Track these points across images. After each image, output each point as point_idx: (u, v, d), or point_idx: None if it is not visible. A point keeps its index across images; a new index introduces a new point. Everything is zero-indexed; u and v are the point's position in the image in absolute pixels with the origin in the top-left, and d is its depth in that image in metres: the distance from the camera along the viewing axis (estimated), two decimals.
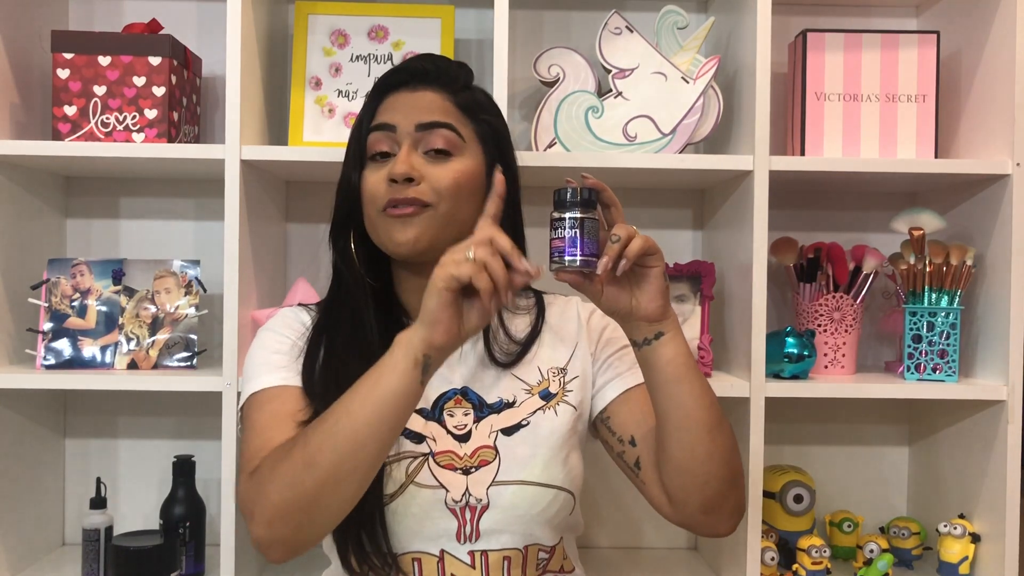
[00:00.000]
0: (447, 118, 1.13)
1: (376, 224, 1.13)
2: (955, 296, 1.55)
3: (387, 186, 1.10)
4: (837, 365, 1.61)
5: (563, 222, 0.98)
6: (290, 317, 1.20)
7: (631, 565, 1.68)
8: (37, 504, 1.65)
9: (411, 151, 1.11)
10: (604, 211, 1.02)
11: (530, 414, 1.14)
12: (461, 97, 1.16)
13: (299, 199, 1.76)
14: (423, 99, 1.14)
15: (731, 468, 1.06)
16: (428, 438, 1.11)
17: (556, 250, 0.99)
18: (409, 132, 1.12)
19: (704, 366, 1.55)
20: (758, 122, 1.47)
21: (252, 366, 1.15)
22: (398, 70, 1.18)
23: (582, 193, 0.98)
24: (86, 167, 1.62)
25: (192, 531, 1.55)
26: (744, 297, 1.51)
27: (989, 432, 1.52)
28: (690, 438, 1.04)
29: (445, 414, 1.13)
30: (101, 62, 1.50)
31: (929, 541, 1.67)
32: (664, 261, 1.02)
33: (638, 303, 1.02)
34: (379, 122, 1.14)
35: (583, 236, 0.98)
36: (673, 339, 1.03)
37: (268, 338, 1.17)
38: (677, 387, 1.03)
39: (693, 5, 1.77)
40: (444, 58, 1.22)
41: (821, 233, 1.76)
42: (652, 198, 1.79)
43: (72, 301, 1.55)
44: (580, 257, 0.98)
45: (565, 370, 1.19)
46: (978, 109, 1.59)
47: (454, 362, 1.16)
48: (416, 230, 1.09)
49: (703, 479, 1.05)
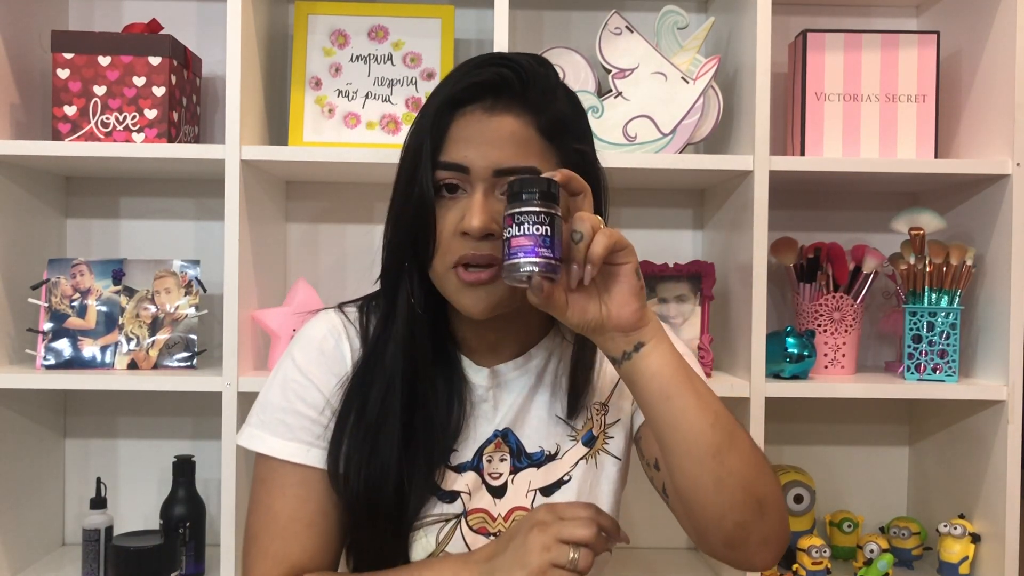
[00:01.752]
0: (529, 158, 0.93)
1: (444, 280, 0.95)
2: (955, 296, 1.55)
3: (459, 238, 0.93)
4: (837, 365, 1.61)
5: (525, 217, 0.82)
6: (327, 350, 1.02)
7: (631, 565, 1.68)
8: (37, 504, 1.65)
9: (486, 198, 0.92)
10: (571, 201, 0.88)
11: (572, 467, 1.04)
12: (546, 119, 0.95)
13: (299, 199, 1.76)
14: (501, 129, 0.93)
15: (753, 494, 0.88)
16: (462, 493, 1.01)
17: (521, 249, 0.82)
18: (484, 177, 0.92)
19: (704, 366, 1.55)
20: (758, 122, 1.47)
21: (274, 407, 1.01)
22: (472, 83, 0.94)
23: (541, 185, 0.83)
24: (86, 167, 1.62)
25: (192, 531, 1.55)
26: (744, 297, 1.51)
27: (989, 432, 1.53)
28: (692, 465, 0.87)
29: (484, 460, 1.03)
30: (101, 62, 1.50)
31: (929, 541, 1.67)
32: (636, 256, 0.87)
33: (608, 310, 0.87)
34: (448, 160, 0.93)
35: (542, 235, 0.81)
36: (656, 348, 0.88)
37: (296, 386, 1.01)
38: (667, 405, 0.87)
39: (693, 5, 1.77)
40: (526, 61, 0.96)
41: (821, 233, 1.76)
42: (652, 198, 1.79)
43: (72, 301, 1.55)
44: (538, 260, 0.81)
45: (607, 407, 1.07)
46: (978, 109, 1.59)
47: (500, 398, 1.04)
48: (491, 298, 0.94)
49: (717, 511, 0.88)
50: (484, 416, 1.03)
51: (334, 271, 1.75)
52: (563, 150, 0.96)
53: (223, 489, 1.43)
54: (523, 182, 0.84)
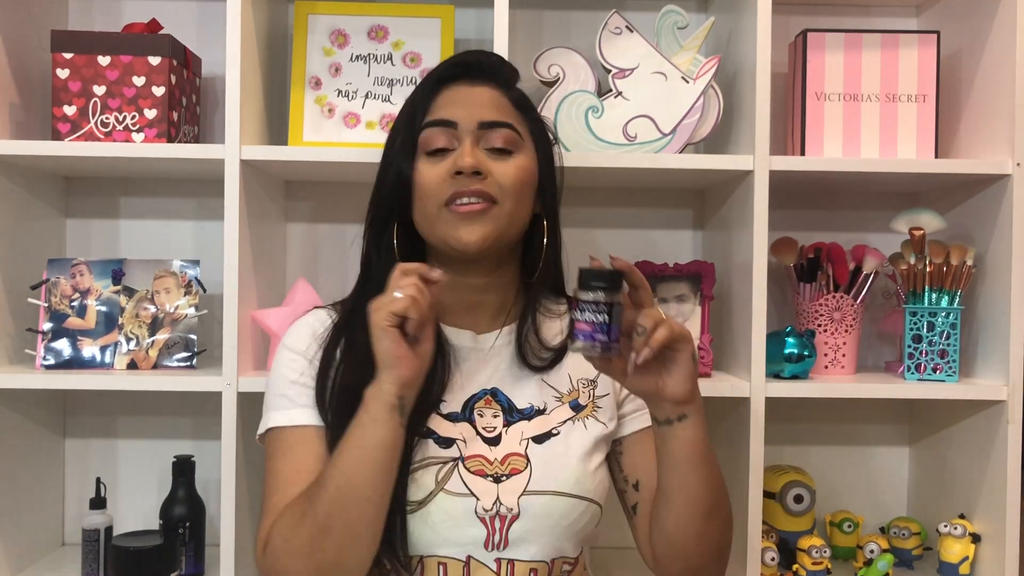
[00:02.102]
0: (507, 117, 1.12)
1: (436, 220, 1.09)
2: (955, 296, 1.55)
3: (451, 179, 1.08)
4: (837, 365, 1.61)
5: (587, 305, 0.96)
6: (309, 329, 1.16)
7: (630, 565, 1.67)
8: (37, 504, 1.65)
9: (474, 147, 1.09)
10: (632, 292, 0.99)
11: (560, 423, 1.13)
12: (515, 93, 1.17)
13: (299, 199, 1.76)
14: (482, 95, 1.13)
15: (718, 547, 1.10)
16: (458, 440, 1.10)
17: (581, 332, 0.96)
18: (471, 129, 1.10)
19: (704, 366, 1.55)
20: (758, 122, 1.47)
21: (273, 393, 1.13)
22: (454, 63, 1.17)
23: (608, 277, 0.96)
24: (86, 167, 1.62)
25: (192, 531, 1.54)
26: (744, 297, 1.51)
27: (989, 432, 1.52)
28: (687, 519, 1.05)
29: (475, 414, 1.12)
30: (101, 62, 1.49)
31: (929, 541, 1.67)
32: (693, 344, 0.99)
33: (664, 385, 1.00)
34: (438, 117, 1.11)
35: (606, 321, 0.95)
36: (695, 424, 1.02)
37: (285, 361, 1.13)
38: (688, 471, 1.03)
39: (693, 5, 1.77)
40: (495, 55, 1.24)
41: (821, 233, 1.75)
42: (652, 198, 1.79)
43: (72, 301, 1.54)
44: (601, 342, 0.96)
45: (596, 383, 1.18)
46: (978, 109, 1.59)
47: (484, 360, 1.15)
48: (484, 228, 1.07)
49: (689, 553, 1.08)
50: (469, 373, 1.14)
51: (334, 271, 1.75)
52: (530, 118, 1.17)
53: (223, 489, 1.43)
54: (590, 273, 0.97)
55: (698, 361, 1.02)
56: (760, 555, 1.48)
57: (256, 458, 1.50)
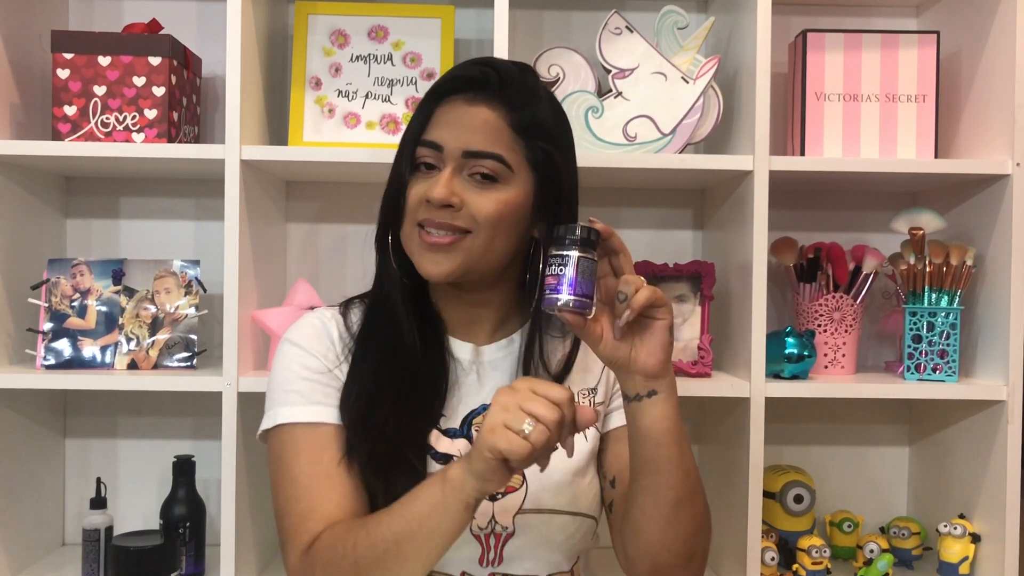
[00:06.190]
0: (496, 146, 1.04)
1: (409, 239, 1.07)
2: (955, 296, 1.55)
3: (424, 206, 1.05)
4: (837, 365, 1.61)
5: (559, 259, 0.94)
6: (317, 329, 1.12)
7: None
8: (37, 504, 1.65)
9: (454, 176, 1.04)
10: (612, 258, 0.97)
11: None
12: (520, 116, 1.06)
13: (299, 199, 1.76)
14: (476, 118, 1.05)
15: (690, 547, 1.02)
16: (455, 457, 1.07)
17: (549, 287, 0.94)
18: (455, 157, 1.04)
19: (704, 366, 1.55)
20: (758, 122, 1.47)
21: (279, 389, 1.09)
22: (457, 76, 1.09)
23: (581, 232, 0.94)
24: (86, 167, 1.62)
25: (192, 531, 1.55)
26: (744, 297, 1.51)
27: (989, 432, 1.52)
28: (653, 505, 1.00)
29: (473, 430, 1.09)
30: (101, 62, 1.50)
31: (929, 541, 1.67)
32: (672, 315, 0.97)
33: (637, 355, 0.96)
34: (428, 138, 1.07)
35: (577, 276, 0.93)
36: (665, 400, 0.97)
37: (296, 357, 1.10)
38: (655, 451, 0.98)
39: (693, 5, 1.77)
40: (509, 66, 1.10)
41: (821, 233, 1.76)
42: (652, 198, 1.79)
43: (72, 301, 1.55)
44: (573, 297, 0.93)
45: (596, 390, 1.17)
46: (978, 109, 1.59)
47: (484, 375, 1.13)
48: (450, 263, 1.04)
49: (655, 548, 1.02)
50: (470, 388, 1.11)
51: (334, 271, 1.75)
52: (530, 147, 1.07)
53: (223, 489, 1.43)
54: (567, 227, 0.94)
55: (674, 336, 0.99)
56: (760, 555, 1.48)
57: (257, 458, 1.50)
